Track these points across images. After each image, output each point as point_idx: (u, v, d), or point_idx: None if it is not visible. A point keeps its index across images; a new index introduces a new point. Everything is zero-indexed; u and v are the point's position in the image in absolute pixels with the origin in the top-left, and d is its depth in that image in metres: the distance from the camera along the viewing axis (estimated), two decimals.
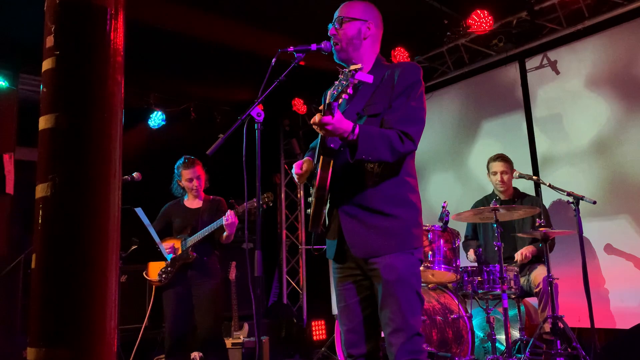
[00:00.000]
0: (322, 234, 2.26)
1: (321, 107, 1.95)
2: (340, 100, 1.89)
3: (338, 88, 1.87)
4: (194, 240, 3.82)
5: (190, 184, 3.99)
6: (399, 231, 2.07)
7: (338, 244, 2.16)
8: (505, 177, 4.29)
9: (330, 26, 2.28)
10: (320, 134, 1.98)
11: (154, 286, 3.98)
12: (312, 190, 2.30)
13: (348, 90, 1.85)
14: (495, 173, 4.34)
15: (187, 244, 3.83)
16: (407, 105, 2.09)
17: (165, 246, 3.88)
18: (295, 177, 2.28)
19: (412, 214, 2.13)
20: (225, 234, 3.81)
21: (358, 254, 2.08)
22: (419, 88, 2.15)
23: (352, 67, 1.84)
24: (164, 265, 3.91)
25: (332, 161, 2.02)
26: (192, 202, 4.05)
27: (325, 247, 2.30)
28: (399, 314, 2.00)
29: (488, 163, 4.42)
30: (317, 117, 1.91)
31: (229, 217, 3.70)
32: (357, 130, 1.93)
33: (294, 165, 2.29)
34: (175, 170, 4.07)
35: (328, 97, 1.92)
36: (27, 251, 4.66)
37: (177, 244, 3.90)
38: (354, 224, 2.09)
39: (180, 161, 4.05)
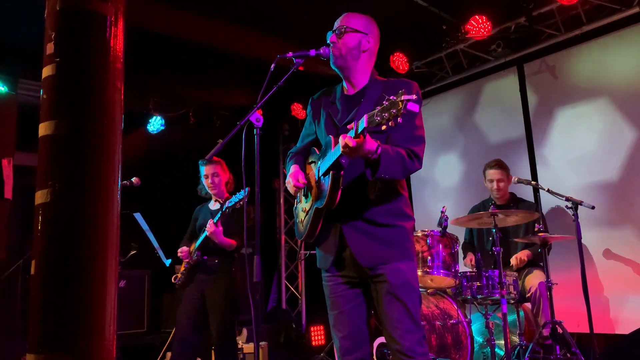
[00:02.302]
0: (313, 242, 2.30)
1: (350, 127, 1.91)
2: (384, 127, 1.78)
3: (383, 114, 1.77)
4: (197, 245, 3.80)
5: (205, 181, 3.97)
6: (402, 240, 2.16)
7: (337, 254, 2.18)
8: (502, 185, 4.31)
9: (330, 34, 2.29)
10: (350, 157, 1.95)
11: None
12: (304, 200, 2.30)
13: (398, 120, 1.76)
14: (491, 181, 4.36)
15: (195, 248, 3.83)
16: (411, 123, 2.15)
17: (184, 249, 3.86)
18: (292, 189, 2.28)
19: (411, 224, 2.23)
20: (216, 242, 3.70)
21: (365, 263, 2.12)
22: (420, 106, 2.19)
23: (405, 97, 1.74)
24: (183, 268, 3.91)
25: (341, 178, 2.04)
26: (214, 204, 4.03)
27: (309, 252, 2.32)
28: (407, 316, 2.07)
29: (484, 170, 4.44)
30: (350, 141, 1.87)
31: (207, 227, 3.65)
32: (379, 150, 1.97)
33: (290, 178, 2.27)
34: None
35: (366, 120, 1.83)
36: (25, 256, 4.65)
37: (192, 246, 3.89)
38: (359, 235, 2.14)
39: (202, 160, 4.01)
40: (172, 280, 4.01)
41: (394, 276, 2.08)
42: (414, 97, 1.75)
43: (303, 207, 2.31)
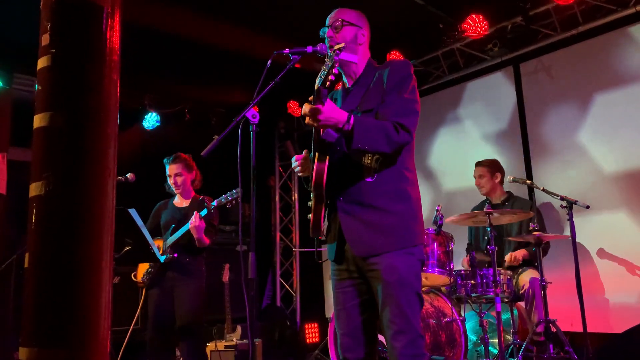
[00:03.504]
0: (323, 240, 2.24)
1: (311, 98, 1.91)
2: (328, 84, 1.85)
3: (324, 70, 1.84)
4: (171, 242, 3.78)
5: (170, 180, 3.96)
6: (396, 228, 2.06)
7: (338, 244, 2.15)
8: (482, 181, 4.43)
9: (324, 30, 2.29)
10: (314, 126, 1.94)
11: (143, 288, 3.95)
12: (311, 195, 2.28)
13: (334, 71, 1.82)
14: (474, 177, 4.50)
15: (167, 244, 3.80)
16: (400, 98, 2.10)
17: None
18: (298, 168, 2.23)
19: (411, 209, 2.12)
20: (195, 237, 3.70)
21: (358, 253, 2.06)
22: (410, 81, 2.16)
23: (336, 46, 1.81)
24: (148, 267, 3.88)
25: (327, 157, 2.00)
26: (180, 201, 4.01)
27: (319, 249, 2.29)
28: (401, 316, 1.99)
29: None
30: (306, 107, 1.88)
31: (192, 220, 3.63)
32: (352, 120, 1.93)
33: (293, 160, 2.25)
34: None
35: (317, 83, 1.88)
36: (19, 251, 4.62)
37: (160, 244, 3.86)
38: (352, 221, 2.07)
39: (167, 158, 4.02)
40: (133, 278, 3.96)
41: (387, 273, 2.00)
42: (343, 44, 1.88)
43: (310, 203, 2.28)
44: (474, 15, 4.83)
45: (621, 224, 4.42)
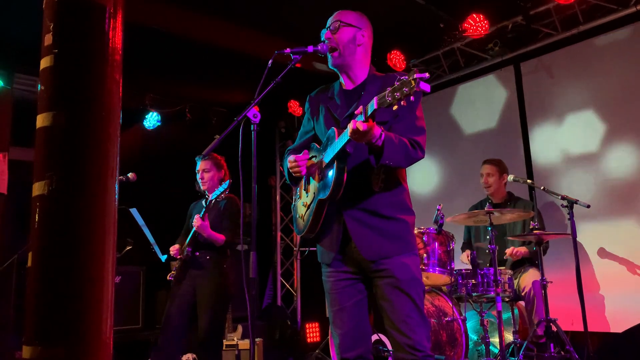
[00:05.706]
0: (314, 238, 2.27)
1: (358, 112, 1.90)
2: (395, 108, 1.79)
3: (394, 94, 1.75)
4: (188, 240, 3.80)
5: (198, 176, 3.97)
6: (405, 234, 2.17)
7: (340, 248, 2.18)
8: (491, 180, 4.37)
9: (324, 31, 2.29)
10: (352, 138, 1.93)
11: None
12: (305, 194, 2.29)
13: (410, 99, 1.75)
14: (482, 175, 4.44)
15: (187, 242, 3.83)
16: (412, 115, 2.18)
17: (175, 247, 3.87)
18: (297, 169, 2.23)
19: (412, 218, 2.24)
20: (205, 236, 3.71)
21: (368, 257, 2.11)
22: (420, 98, 2.21)
23: (418, 75, 1.72)
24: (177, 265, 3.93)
25: (346, 167, 2.03)
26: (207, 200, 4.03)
27: (308, 249, 2.31)
28: (417, 311, 2.09)
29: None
30: (360, 125, 1.86)
31: (194, 222, 3.65)
32: (383, 136, 1.98)
33: (297, 160, 2.22)
34: None
35: (376, 102, 1.82)
36: (20, 251, 4.64)
37: (184, 242, 3.89)
38: (362, 228, 2.13)
39: (199, 156, 4.01)
40: (167, 278, 4.02)
41: (401, 272, 2.09)
42: (427, 75, 1.75)
43: (304, 201, 2.28)
44: (474, 15, 4.83)
45: (622, 223, 4.42)
